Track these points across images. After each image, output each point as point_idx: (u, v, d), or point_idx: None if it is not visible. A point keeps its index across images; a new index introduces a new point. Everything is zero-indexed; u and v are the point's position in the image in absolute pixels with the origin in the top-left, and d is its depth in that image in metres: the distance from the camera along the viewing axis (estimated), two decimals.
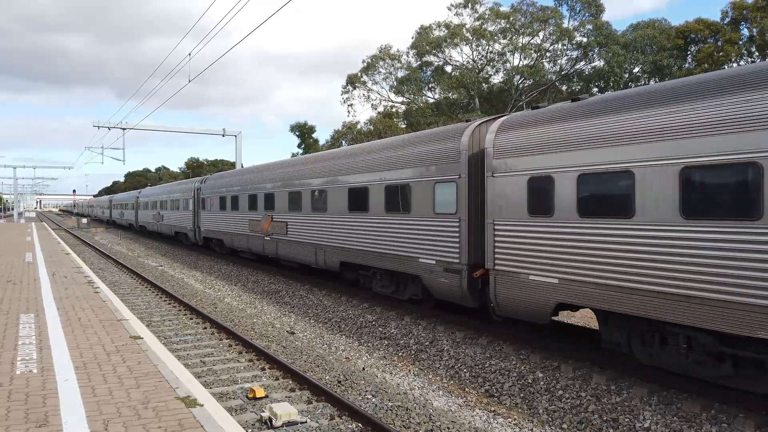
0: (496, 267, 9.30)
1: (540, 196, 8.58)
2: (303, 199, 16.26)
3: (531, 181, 8.74)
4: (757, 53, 33.35)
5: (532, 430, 7.07)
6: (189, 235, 29.22)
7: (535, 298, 8.64)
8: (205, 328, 12.08)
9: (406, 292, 12.40)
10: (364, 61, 47.50)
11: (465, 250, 10.10)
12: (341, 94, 48.84)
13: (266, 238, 18.78)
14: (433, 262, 10.78)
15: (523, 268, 8.81)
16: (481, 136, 10.26)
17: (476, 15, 44.07)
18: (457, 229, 10.23)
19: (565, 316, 12.78)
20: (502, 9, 43.77)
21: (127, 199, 52.64)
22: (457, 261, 10.22)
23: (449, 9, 44.79)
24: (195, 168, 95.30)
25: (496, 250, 9.30)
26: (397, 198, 11.95)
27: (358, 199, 13.43)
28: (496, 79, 45.94)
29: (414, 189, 11.42)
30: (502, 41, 43.05)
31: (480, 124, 10.47)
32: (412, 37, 45.42)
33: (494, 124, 9.80)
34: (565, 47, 42.40)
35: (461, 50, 44.57)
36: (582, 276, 7.89)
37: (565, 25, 42.25)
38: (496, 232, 9.32)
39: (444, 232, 10.54)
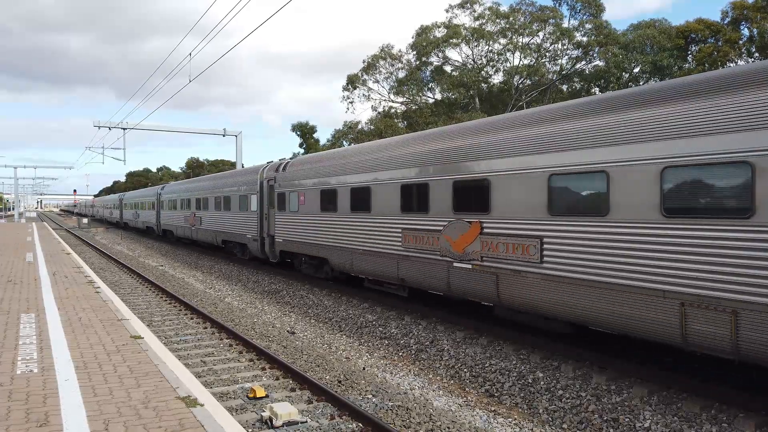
0: None
1: None
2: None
3: None
4: (757, 53, 33.32)
5: (532, 429, 7.07)
6: (251, 247, 20.48)
7: None
8: (206, 327, 12.08)
9: None
10: (364, 61, 47.55)
11: None
12: (342, 92, 48.89)
13: (463, 264, 9.98)
14: None
15: None
16: None
17: (475, 15, 44.14)
18: None
19: None
20: (501, 9, 43.86)
21: (144, 197, 42.78)
22: None
23: (447, 11, 44.89)
24: (195, 168, 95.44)
25: None
26: None
27: None
28: (496, 79, 46.01)
29: None
30: (501, 41, 43.09)
31: None
32: (412, 37, 45.48)
33: None
34: (565, 47, 42.43)
35: (461, 50, 44.63)
36: None
37: (564, 25, 42.27)
38: None
39: None
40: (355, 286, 15.23)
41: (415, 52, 45.37)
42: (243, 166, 36.36)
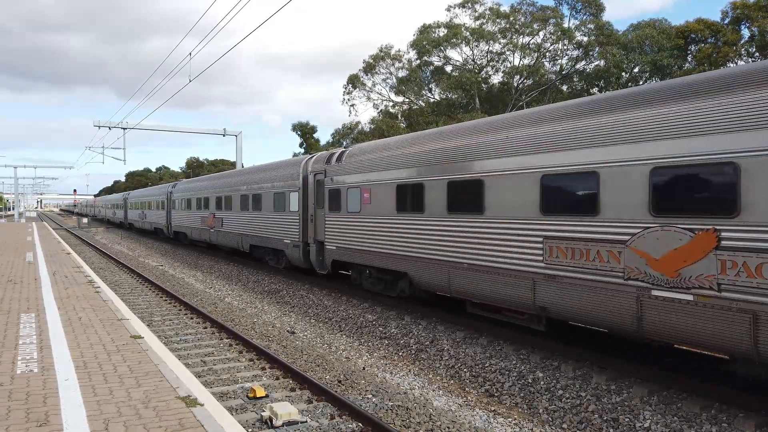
0: None
1: None
2: None
3: None
4: (757, 53, 33.31)
5: (532, 429, 7.07)
6: (290, 254, 17.49)
7: None
8: (206, 327, 12.08)
9: None
10: (365, 61, 47.60)
11: None
12: (343, 95, 48.91)
13: (674, 294, 6.77)
14: None
15: None
16: None
17: (476, 15, 44.19)
18: None
19: None
20: (501, 9, 43.92)
21: (152, 196, 40.05)
22: None
23: (447, 10, 44.93)
24: (195, 168, 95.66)
25: None
26: None
27: None
28: (496, 79, 46.07)
29: None
30: (502, 41, 43.13)
31: None
32: (414, 35, 45.53)
33: None
34: (565, 47, 42.45)
35: (461, 50, 44.67)
36: None
37: (565, 25, 42.29)
38: None
39: None
40: (449, 309, 11.98)
41: (415, 51, 45.40)
42: (243, 166, 36.30)
